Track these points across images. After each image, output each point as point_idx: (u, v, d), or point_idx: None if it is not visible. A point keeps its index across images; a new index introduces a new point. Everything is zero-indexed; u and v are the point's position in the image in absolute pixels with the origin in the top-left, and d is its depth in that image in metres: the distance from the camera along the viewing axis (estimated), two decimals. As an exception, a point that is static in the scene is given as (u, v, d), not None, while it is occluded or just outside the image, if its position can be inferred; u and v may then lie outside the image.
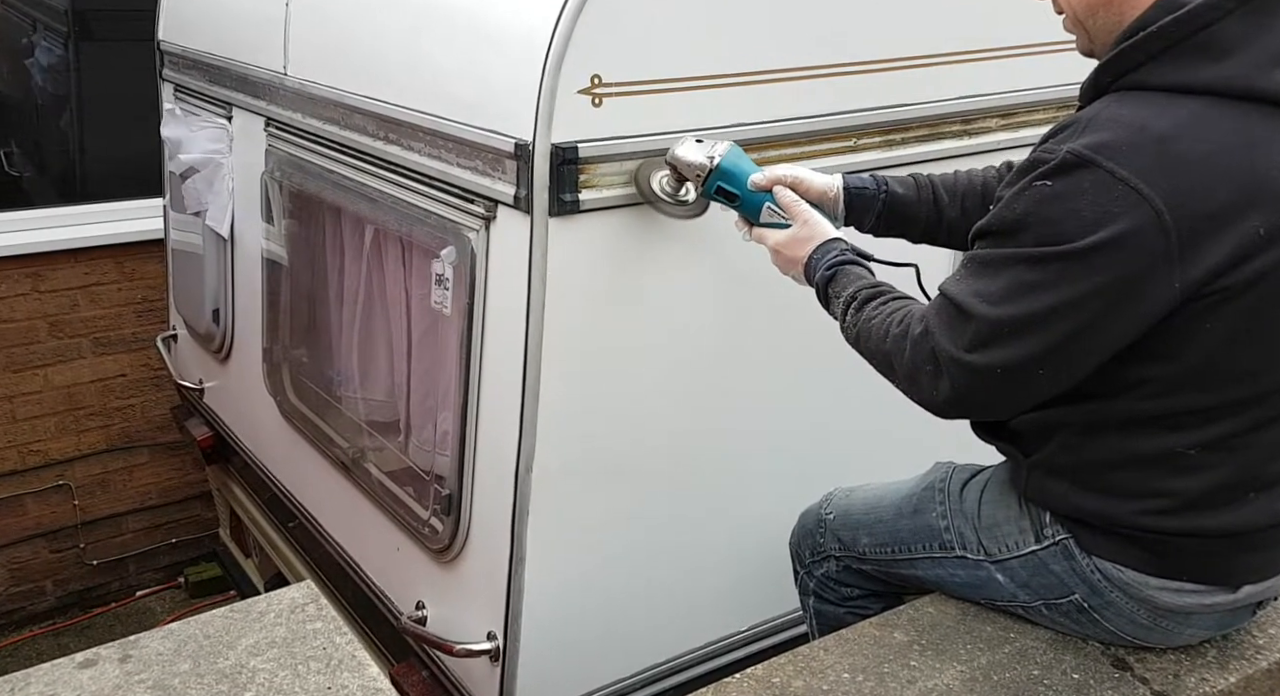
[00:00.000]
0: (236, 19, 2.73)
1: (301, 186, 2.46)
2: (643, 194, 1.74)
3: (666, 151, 1.71)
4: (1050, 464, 1.45)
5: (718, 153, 1.68)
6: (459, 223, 1.87)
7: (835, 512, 1.78)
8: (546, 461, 1.80)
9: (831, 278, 1.55)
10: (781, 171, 1.68)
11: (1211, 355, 1.29)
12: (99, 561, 4.06)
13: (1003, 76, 2.13)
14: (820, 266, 1.57)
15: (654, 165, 1.74)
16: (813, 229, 1.61)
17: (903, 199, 1.70)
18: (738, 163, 1.68)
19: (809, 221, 1.62)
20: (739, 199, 1.69)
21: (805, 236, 1.61)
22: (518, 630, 1.87)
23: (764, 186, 1.67)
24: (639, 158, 1.74)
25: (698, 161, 1.68)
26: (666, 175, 1.73)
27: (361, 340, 2.43)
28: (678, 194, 1.74)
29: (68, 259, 3.70)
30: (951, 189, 1.71)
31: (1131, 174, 1.20)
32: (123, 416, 3.96)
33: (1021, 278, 1.26)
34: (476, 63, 1.83)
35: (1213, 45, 1.23)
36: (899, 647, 1.54)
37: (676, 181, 1.73)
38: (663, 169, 1.73)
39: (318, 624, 1.42)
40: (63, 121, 3.95)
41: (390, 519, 2.23)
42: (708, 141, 1.71)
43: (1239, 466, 1.35)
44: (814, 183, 1.67)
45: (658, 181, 1.73)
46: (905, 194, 1.71)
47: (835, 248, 1.58)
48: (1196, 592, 1.43)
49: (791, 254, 1.62)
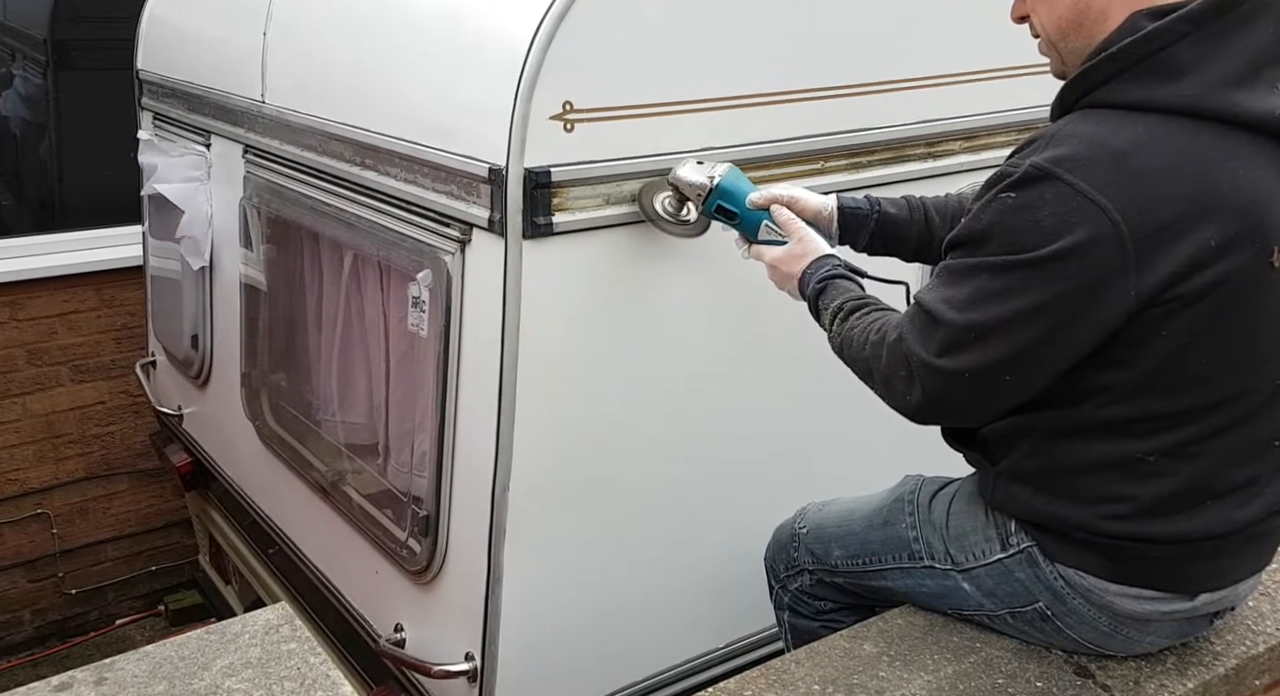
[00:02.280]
0: (215, 48, 2.77)
1: (279, 212, 2.49)
2: (646, 214, 1.80)
3: (667, 172, 1.78)
4: (1016, 470, 1.48)
5: (718, 173, 1.75)
6: (434, 246, 1.90)
7: (808, 526, 1.81)
8: (523, 481, 1.82)
9: (822, 290, 1.61)
10: (778, 191, 1.74)
11: (1168, 362, 1.33)
12: (78, 590, 4.02)
13: (965, 101, 2.19)
14: (813, 280, 1.62)
15: (657, 187, 1.80)
16: (807, 246, 1.67)
17: (895, 219, 1.76)
18: (737, 183, 1.75)
19: (804, 238, 1.68)
20: (738, 217, 1.75)
21: (800, 252, 1.67)
22: (495, 650, 1.88)
23: (761, 205, 1.73)
24: (611, 181, 1.78)
25: (698, 182, 1.75)
26: (669, 196, 1.80)
27: (340, 364, 2.45)
28: (679, 214, 1.80)
29: (46, 287, 3.70)
30: (942, 210, 1.78)
31: (1090, 187, 1.25)
32: (102, 444, 3.95)
33: (986, 285, 1.31)
34: (451, 89, 1.87)
35: (1168, 67, 1.29)
36: (868, 659, 1.56)
37: (678, 202, 1.80)
38: (665, 190, 1.79)
39: (292, 645, 1.43)
40: (42, 150, 3.96)
41: (369, 542, 2.24)
42: (708, 163, 1.78)
43: (1196, 473, 1.39)
44: (809, 202, 1.73)
45: (660, 202, 1.80)
46: (898, 214, 1.76)
47: (828, 263, 1.64)
48: (1155, 599, 1.46)
49: (787, 269, 1.67)
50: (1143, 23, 1.31)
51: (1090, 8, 1.37)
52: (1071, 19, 1.39)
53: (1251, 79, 1.29)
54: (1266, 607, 1.70)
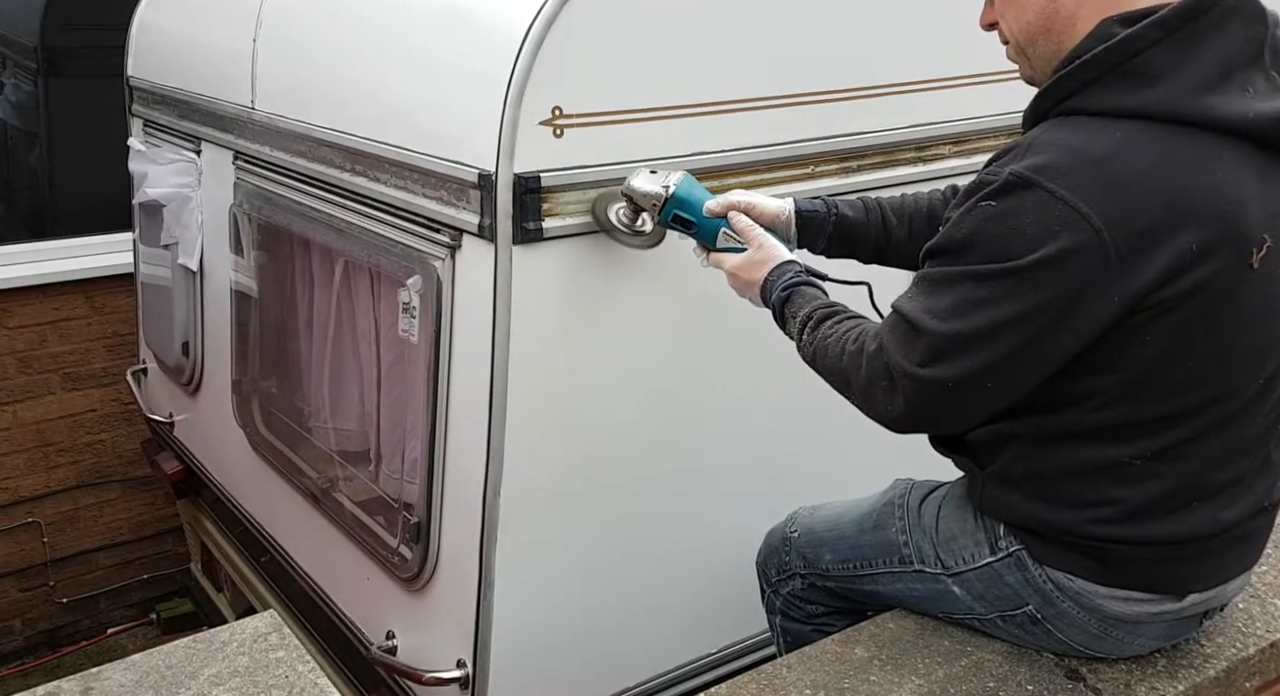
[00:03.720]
0: (205, 54, 2.76)
1: (270, 218, 2.49)
2: (600, 225, 1.78)
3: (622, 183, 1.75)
4: (1004, 474, 1.48)
5: (672, 182, 1.72)
6: (425, 252, 1.90)
7: (800, 530, 1.81)
8: (514, 486, 1.81)
9: (787, 299, 1.59)
10: (735, 197, 1.72)
11: (1151, 367, 1.33)
12: (69, 599, 4.00)
13: (955, 105, 2.20)
14: (776, 288, 1.61)
15: (610, 198, 1.78)
16: (767, 252, 1.65)
17: (853, 221, 1.75)
18: (692, 191, 1.73)
19: (764, 245, 1.66)
20: (695, 226, 1.73)
21: (760, 259, 1.65)
22: (487, 657, 1.87)
23: (718, 212, 1.71)
24: (601, 186, 1.78)
25: (653, 191, 1.72)
26: (623, 207, 1.78)
27: (331, 370, 2.44)
28: (635, 224, 1.78)
29: (37, 294, 3.69)
30: (899, 211, 1.77)
31: (1070, 194, 1.25)
32: (93, 452, 3.93)
33: (969, 294, 1.31)
34: (440, 96, 1.87)
35: (1141, 73, 1.29)
36: (859, 663, 1.56)
37: (633, 212, 1.78)
38: (619, 201, 1.77)
39: (280, 653, 1.43)
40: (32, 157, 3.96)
41: (360, 549, 2.24)
42: (661, 172, 1.75)
43: (1182, 476, 1.39)
44: (766, 207, 1.72)
45: (614, 213, 1.77)
46: (855, 217, 1.76)
47: (790, 270, 1.62)
48: (1144, 601, 1.47)
49: (748, 276, 1.66)
50: (1114, 29, 1.31)
51: (1059, 13, 1.37)
52: (1040, 24, 1.39)
53: (1224, 83, 1.30)
54: (1256, 609, 1.70)
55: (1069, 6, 1.36)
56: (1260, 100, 1.31)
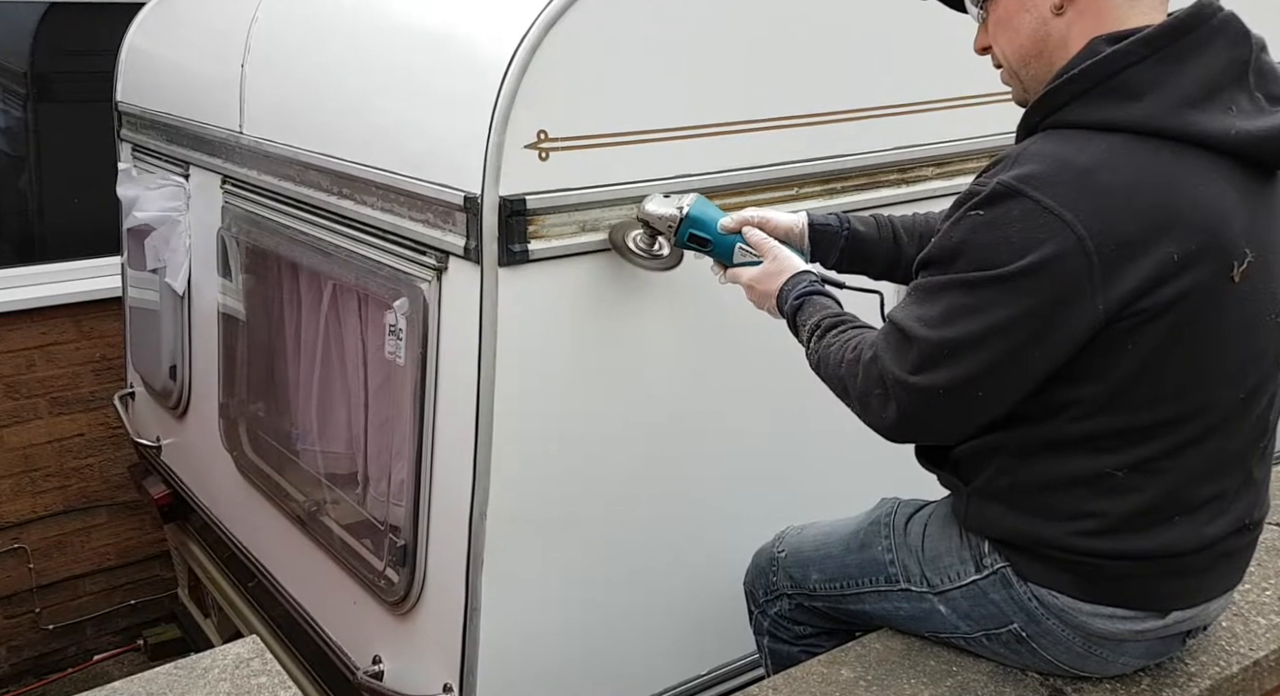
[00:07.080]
0: (193, 80, 2.78)
1: (258, 242, 2.49)
2: (620, 252, 1.81)
3: (643, 199, 1.79)
4: (988, 488, 1.49)
5: (685, 203, 1.76)
6: (411, 274, 1.90)
7: (787, 550, 1.81)
8: (500, 508, 1.81)
9: (799, 307, 1.62)
10: (748, 213, 1.76)
11: (1135, 376, 1.35)
12: (55, 626, 3.96)
13: (937, 127, 2.22)
14: (790, 297, 1.64)
15: (627, 225, 1.81)
16: (782, 263, 1.68)
17: (864, 237, 1.78)
18: (705, 210, 1.76)
19: (779, 257, 1.69)
20: (711, 244, 1.76)
21: (775, 270, 1.68)
22: (474, 680, 1.86)
23: (733, 229, 1.74)
24: (585, 208, 1.79)
25: (668, 213, 1.76)
26: (639, 232, 1.81)
27: (319, 393, 2.44)
28: (652, 248, 1.81)
29: (24, 319, 3.68)
30: (910, 229, 1.80)
31: (1056, 203, 1.28)
32: (80, 477, 3.91)
33: (958, 302, 1.33)
34: (427, 119, 1.88)
35: (1127, 88, 1.33)
36: (846, 684, 1.56)
37: (649, 236, 1.81)
38: (635, 227, 1.80)
39: (262, 678, 1.42)
40: (21, 182, 3.96)
41: (347, 573, 2.23)
42: (674, 195, 1.79)
43: (1163, 489, 1.40)
44: (780, 221, 1.75)
45: (632, 239, 1.81)
46: (867, 232, 1.79)
47: (805, 279, 1.65)
48: (1127, 619, 1.47)
49: (764, 288, 1.69)
50: (1102, 46, 1.35)
51: (1051, 35, 1.41)
52: (1033, 47, 1.43)
53: (1207, 101, 1.33)
54: (1240, 628, 1.70)
55: (1060, 29, 1.39)
56: (1243, 119, 1.34)
